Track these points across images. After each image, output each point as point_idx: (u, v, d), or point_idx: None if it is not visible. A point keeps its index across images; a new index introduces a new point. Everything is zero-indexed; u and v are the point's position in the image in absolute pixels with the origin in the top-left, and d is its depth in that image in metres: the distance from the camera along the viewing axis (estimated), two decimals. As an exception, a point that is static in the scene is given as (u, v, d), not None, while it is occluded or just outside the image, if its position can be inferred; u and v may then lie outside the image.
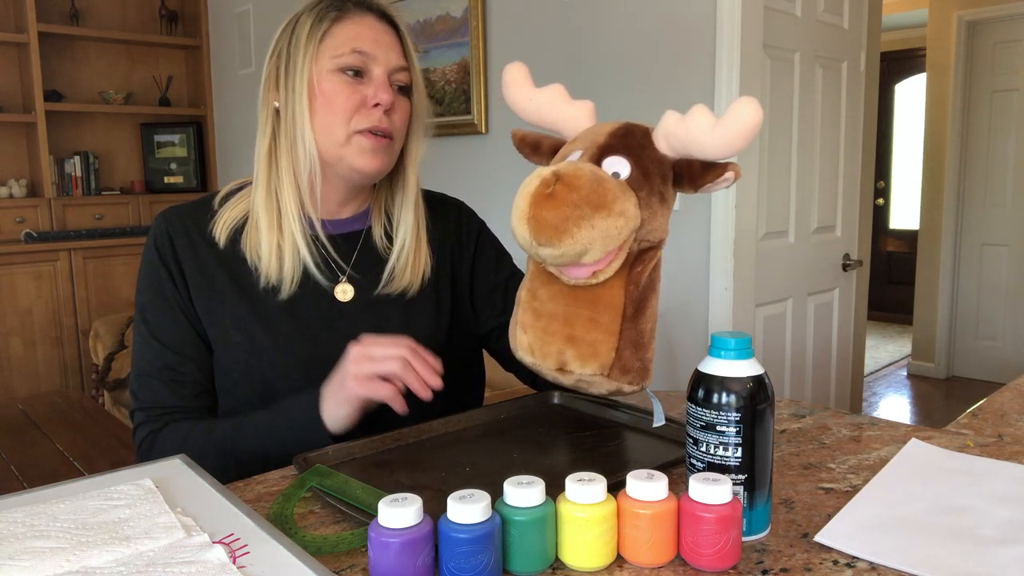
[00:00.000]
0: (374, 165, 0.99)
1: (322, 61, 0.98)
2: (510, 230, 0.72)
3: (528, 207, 0.69)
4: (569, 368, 0.75)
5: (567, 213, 0.68)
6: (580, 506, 0.61)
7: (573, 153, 0.76)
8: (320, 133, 0.98)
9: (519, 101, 0.81)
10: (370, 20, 1.00)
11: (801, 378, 2.46)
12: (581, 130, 0.80)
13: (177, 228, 1.01)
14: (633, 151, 0.75)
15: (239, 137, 4.09)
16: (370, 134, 0.97)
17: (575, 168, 0.70)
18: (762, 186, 2.18)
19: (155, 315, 1.00)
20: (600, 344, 0.74)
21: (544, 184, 0.69)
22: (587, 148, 0.75)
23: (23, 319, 3.59)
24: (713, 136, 0.71)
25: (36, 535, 0.62)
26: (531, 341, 0.76)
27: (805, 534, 0.68)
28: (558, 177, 0.69)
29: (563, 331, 0.75)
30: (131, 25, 4.20)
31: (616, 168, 0.73)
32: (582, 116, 0.80)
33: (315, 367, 0.98)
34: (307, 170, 0.99)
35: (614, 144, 0.75)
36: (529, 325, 0.77)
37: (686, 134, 0.73)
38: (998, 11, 4.24)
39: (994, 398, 1.11)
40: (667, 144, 0.75)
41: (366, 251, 1.06)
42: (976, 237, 4.45)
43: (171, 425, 0.97)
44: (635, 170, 0.74)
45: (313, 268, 1.00)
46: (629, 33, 2.28)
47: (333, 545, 0.65)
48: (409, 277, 1.04)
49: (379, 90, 0.98)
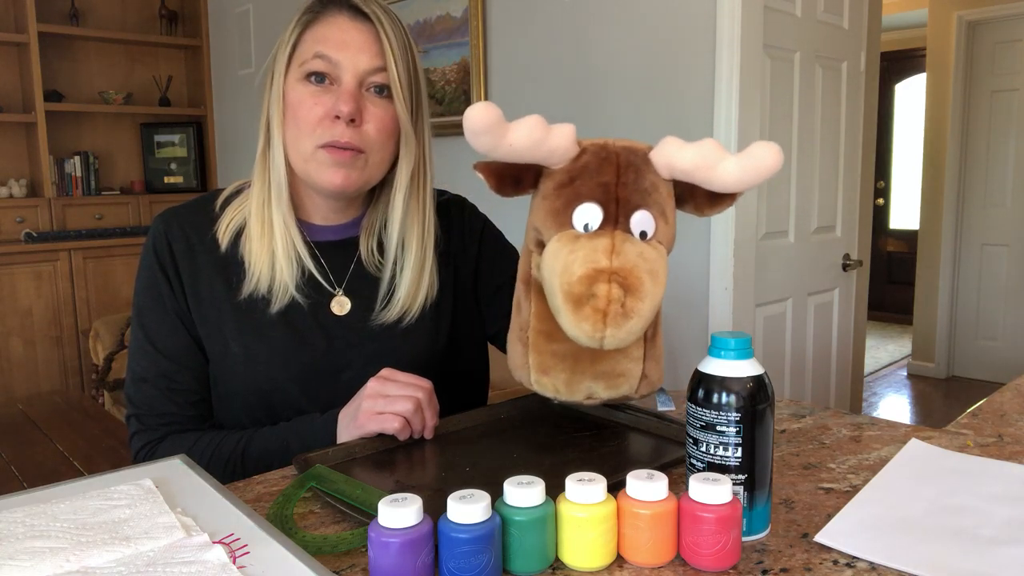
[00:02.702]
0: (336, 181, 0.93)
1: (292, 69, 0.95)
2: (568, 333, 0.69)
3: (602, 327, 0.66)
4: (598, 396, 0.75)
5: (637, 323, 0.67)
6: (580, 506, 0.61)
7: (584, 205, 0.70)
8: (290, 147, 0.95)
9: (498, 148, 0.70)
10: (341, 20, 0.94)
11: (801, 378, 2.46)
12: (567, 159, 0.73)
13: (175, 232, 0.99)
14: (649, 197, 0.71)
15: (239, 137, 4.09)
16: (332, 148, 0.92)
17: (631, 267, 0.67)
18: (762, 186, 2.18)
19: (152, 321, 0.98)
20: (630, 372, 0.75)
21: (614, 301, 0.66)
22: (604, 203, 0.70)
23: (23, 319, 3.59)
24: (727, 176, 0.70)
25: (36, 535, 0.62)
26: (556, 383, 0.75)
27: (805, 534, 0.68)
28: (624, 287, 0.66)
29: (591, 369, 0.74)
30: (131, 25, 4.20)
31: (644, 227, 0.71)
32: (567, 145, 0.72)
33: (311, 379, 0.98)
34: (285, 184, 0.96)
35: (632, 197, 0.71)
36: (551, 367, 0.75)
37: (699, 173, 0.71)
38: (998, 11, 4.24)
39: (994, 398, 1.11)
40: (670, 173, 0.73)
41: (362, 261, 1.03)
42: (976, 237, 4.45)
43: (170, 437, 0.97)
44: (658, 220, 0.72)
45: (307, 279, 0.98)
46: (629, 33, 2.28)
47: (333, 545, 0.65)
48: (408, 303, 1.00)
49: (341, 100, 0.91)
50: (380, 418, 0.86)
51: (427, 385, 0.89)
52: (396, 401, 0.86)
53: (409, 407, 0.86)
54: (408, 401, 0.86)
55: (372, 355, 0.99)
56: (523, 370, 0.77)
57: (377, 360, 0.97)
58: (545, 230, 0.73)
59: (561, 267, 0.68)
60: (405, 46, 0.96)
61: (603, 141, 0.74)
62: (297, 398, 0.98)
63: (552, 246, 0.71)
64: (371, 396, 0.87)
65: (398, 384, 0.88)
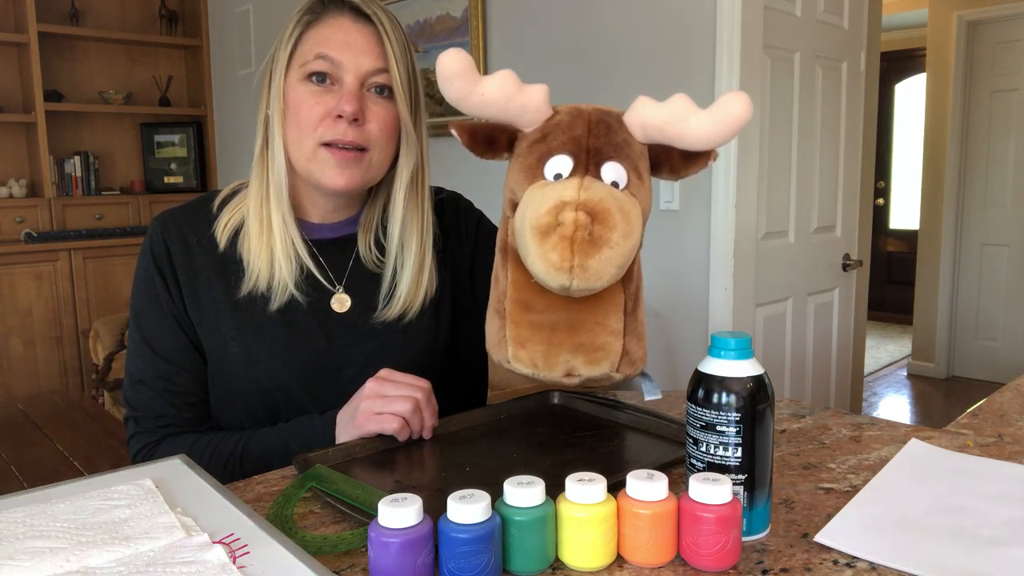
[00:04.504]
0: (340, 181, 0.93)
1: (292, 69, 0.95)
2: (535, 272, 0.68)
3: (569, 255, 0.65)
4: (578, 373, 0.73)
5: (607, 255, 0.66)
6: (580, 506, 0.61)
7: (556, 156, 0.71)
8: (291, 146, 0.95)
9: (469, 96, 0.70)
10: (343, 21, 0.94)
11: (801, 378, 2.46)
12: (540, 119, 0.73)
13: (173, 234, 0.99)
14: (621, 151, 0.71)
15: (239, 137, 4.09)
16: (335, 148, 0.92)
17: (599, 199, 0.67)
18: (762, 186, 2.18)
19: (149, 323, 0.98)
20: (609, 345, 0.73)
21: (581, 227, 0.65)
22: (575, 153, 0.71)
23: (23, 319, 3.59)
24: (699, 130, 0.69)
25: (36, 535, 0.62)
26: (533, 356, 0.73)
27: (805, 534, 0.68)
28: (591, 214, 0.65)
29: (569, 340, 0.72)
30: (131, 25, 4.20)
31: (615, 177, 0.71)
32: (540, 103, 0.72)
33: (312, 377, 0.98)
34: (285, 182, 0.96)
35: (604, 148, 0.71)
36: (528, 339, 0.73)
37: (670, 128, 0.70)
38: (998, 11, 4.24)
39: (994, 398, 1.11)
40: (643, 133, 0.73)
41: (360, 259, 1.03)
42: (976, 237, 4.45)
43: (169, 439, 0.97)
44: (630, 174, 0.72)
45: (306, 277, 0.98)
46: (629, 33, 2.28)
47: (333, 545, 0.65)
48: (409, 300, 1.01)
49: (344, 99, 0.91)
50: (379, 418, 0.86)
51: (425, 385, 0.89)
52: (395, 401, 0.86)
53: (408, 407, 0.86)
54: (407, 401, 0.87)
55: (373, 352, 1.00)
56: (499, 345, 0.75)
57: (378, 357, 0.98)
58: (518, 187, 0.73)
59: (531, 210, 0.68)
60: (405, 47, 0.96)
61: (577, 104, 0.74)
62: (299, 397, 0.98)
63: (524, 197, 0.71)
64: (370, 396, 0.87)
65: (397, 384, 0.88)
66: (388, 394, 0.87)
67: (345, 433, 0.89)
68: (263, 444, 0.93)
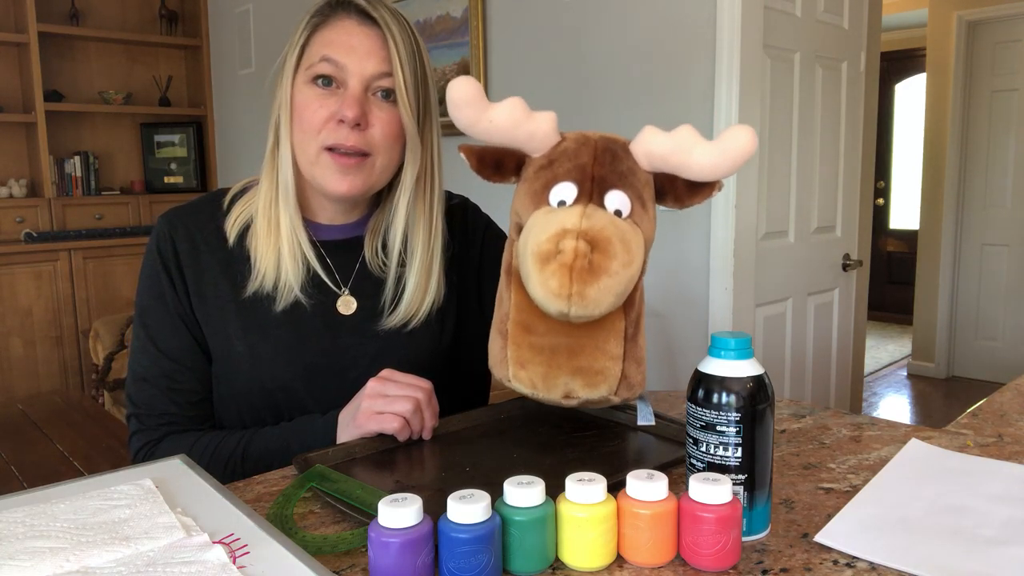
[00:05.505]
0: (342, 187, 0.93)
1: (300, 72, 0.95)
2: (535, 298, 0.69)
3: (568, 282, 0.66)
4: (576, 395, 0.75)
5: (606, 284, 0.67)
6: (580, 506, 0.61)
7: (561, 184, 0.72)
8: (297, 149, 0.95)
9: (478, 123, 0.72)
10: (350, 24, 0.94)
11: (801, 378, 2.46)
12: (548, 145, 0.75)
13: (180, 232, 0.99)
14: (626, 179, 0.72)
15: (239, 137, 4.10)
16: (337, 153, 0.92)
17: (600, 227, 0.67)
18: (762, 186, 2.18)
19: (154, 320, 0.98)
20: (608, 370, 0.74)
21: (581, 256, 0.66)
22: (579, 181, 0.71)
23: (23, 319, 3.59)
24: (704, 161, 0.70)
25: (36, 535, 0.62)
26: (533, 377, 0.74)
27: (805, 534, 0.68)
28: (591, 243, 0.66)
29: (569, 363, 0.74)
30: (131, 25, 4.21)
31: (618, 205, 0.72)
32: (548, 131, 0.74)
33: (316, 377, 0.98)
34: (293, 184, 0.96)
35: (608, 176, 0.72)
36: (528, 360, 0.74)
37: (676, 158, 0.71)
38: (998, 11, 4.24)
39: (994, 398, 1.11)
40: (649, 162, 0.74)
41: (366, 262, 1.03)
42: (976, 237, 4.45)
43: (169, 437, 0.97)
44: (634, 203, 0.72)
45: (312, 278, 0.98)
46: (629, 33, 2.28)
47: (333, 545, 0.65)
48: (414, 307, 1.00)
49: (346, 104, 0.91)
50: (379, 418, 0.86)
51: (427, 386, 0.89)
52: (396, 401, 0.87)
53: (408, 407, 0.86)
54: (407, 401, 0.87)
55: (377, 354, 1.00)
56: (501, 365, 0.77)
57: (382, 359, 0.98)
58: (523, 211, 0.74)
59: (533, 236, 0.69)
60: (413, 51, 0.95)
61: (584, 132, 0.75)
62: (302, 397, 0.98)
63: (528, 223, 0.72)
64: (371, 396, 0.87)
65: (398, 384, 0.88)
66: (389, 394, 0.87)
67: (346, 432, 0.90)
68: (264, 443, 0.93)
